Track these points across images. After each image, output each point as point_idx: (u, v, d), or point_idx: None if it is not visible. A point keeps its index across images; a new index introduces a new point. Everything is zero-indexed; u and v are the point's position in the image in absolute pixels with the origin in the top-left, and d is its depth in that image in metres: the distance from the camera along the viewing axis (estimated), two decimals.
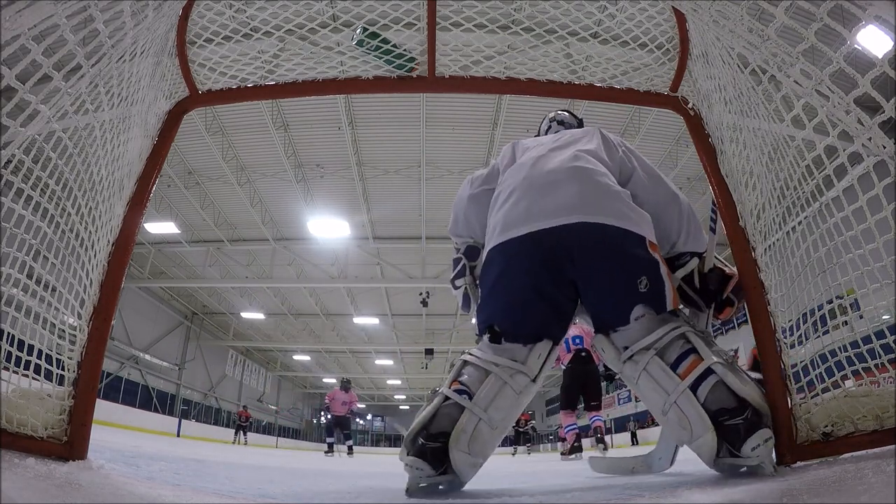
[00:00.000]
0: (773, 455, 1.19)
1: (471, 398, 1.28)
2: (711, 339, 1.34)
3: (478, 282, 1.61)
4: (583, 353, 5.91)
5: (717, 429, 1.16)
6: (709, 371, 1.22)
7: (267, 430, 28.41)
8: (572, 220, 1.36)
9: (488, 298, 1.48)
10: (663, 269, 1.38)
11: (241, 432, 18.10)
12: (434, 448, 1.22)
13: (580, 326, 5.66)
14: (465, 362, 1.39)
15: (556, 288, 1.39)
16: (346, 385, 11.35)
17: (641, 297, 1.33)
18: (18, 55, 1.09)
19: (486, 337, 1.41)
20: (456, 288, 1.71)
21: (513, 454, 12.54)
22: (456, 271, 1.70)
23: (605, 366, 5.65)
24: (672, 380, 1.24)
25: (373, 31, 2.22)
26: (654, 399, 1.28)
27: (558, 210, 1.39)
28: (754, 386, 1.23)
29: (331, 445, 10.79)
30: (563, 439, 6.05)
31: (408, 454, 1.24)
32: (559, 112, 2.14)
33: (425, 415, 1.29)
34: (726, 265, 1.58)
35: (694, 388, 1.21)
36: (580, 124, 2.08)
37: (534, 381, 1.36)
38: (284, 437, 29.67)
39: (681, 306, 1.46)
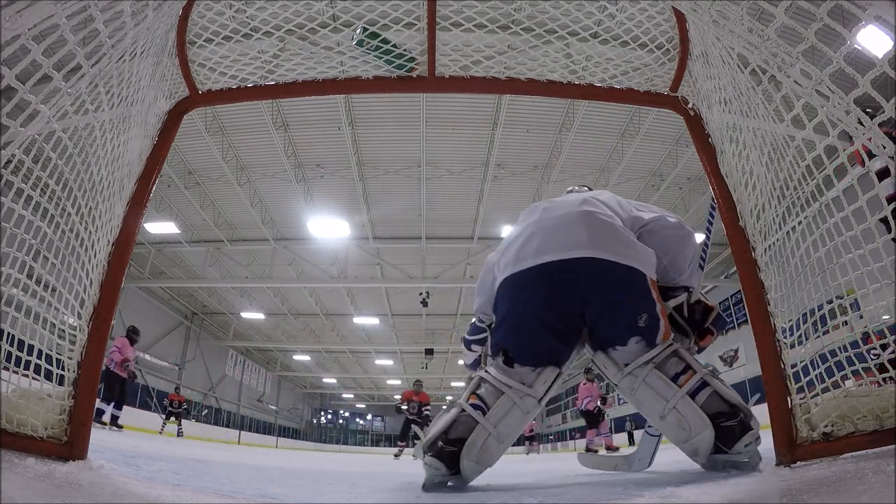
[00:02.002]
0: (759, 452, 1.35)
1: (484, 413, 1.45)
2: (695, 357, 1.56)
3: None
4: None
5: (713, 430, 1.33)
6: (704, 383, 1.40)
7: (267, 430, 28.39)
8: (582, 255, 1.51)
9: (501, 325, 1.63)
10: (659, 307, 1.54)
11: (176, 420, 14.32)
12: (451, 452, 1.40)
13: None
14: (483, 379, 1.55)
15: (560, 321, 1.54)
16: (133, 335, 8.93)
17: (639, 331, 1.50)
18: (18, 55, 1.09)
19: (499, 358, 1.57)
20: (470, 350, 1.91)
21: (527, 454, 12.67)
22: (476, 338, 1.88)
23: None
24: (671, 388, 1.41)
25: (373, 31, 2.22)
26: (652, 406, 1.44)
27: (568, 246, 1.53)
28: (737, 393, 1.42)
29: (111, 418, 8.23)
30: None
31: (427, 455, 1.40)
32: (578, 186, 2.23)
33: (445, 422, 1.46)
34: (707, 299, 1.78)
35: (692, 395, 1.38)
36: None
37: (539, 402, 1.52)
38: (284, 437, 29.68)
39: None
